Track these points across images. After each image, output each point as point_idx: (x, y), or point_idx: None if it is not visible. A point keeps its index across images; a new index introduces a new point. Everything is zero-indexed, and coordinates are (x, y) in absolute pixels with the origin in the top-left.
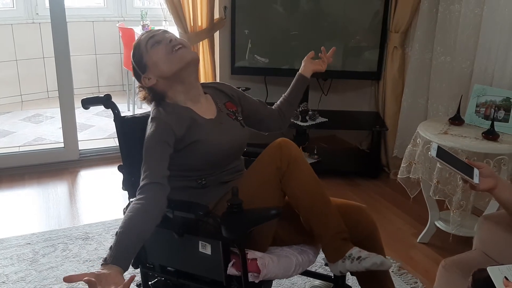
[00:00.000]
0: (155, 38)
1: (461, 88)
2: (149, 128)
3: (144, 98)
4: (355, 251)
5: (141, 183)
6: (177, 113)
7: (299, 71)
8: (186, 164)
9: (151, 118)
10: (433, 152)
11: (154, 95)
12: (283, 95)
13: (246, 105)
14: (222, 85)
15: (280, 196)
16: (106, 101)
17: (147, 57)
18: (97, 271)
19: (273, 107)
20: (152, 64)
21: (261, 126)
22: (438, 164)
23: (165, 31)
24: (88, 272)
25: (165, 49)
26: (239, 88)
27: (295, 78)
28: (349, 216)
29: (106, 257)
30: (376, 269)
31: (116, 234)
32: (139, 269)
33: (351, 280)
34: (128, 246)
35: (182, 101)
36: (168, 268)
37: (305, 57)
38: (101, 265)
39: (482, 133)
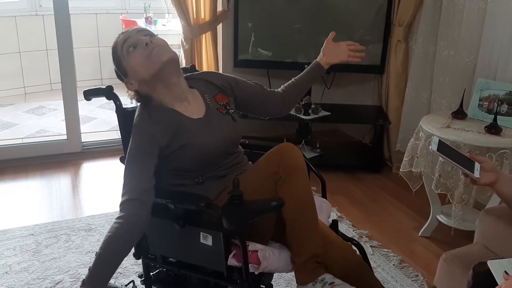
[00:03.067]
0: (129, 42)
1: (464, 82)
2: (132, 137)
3: (133, 98)
4: (328, 276)
5: (122, 199)
6: (162, 118)
7: (317, 58)
8: (178, 167)
9: (134, 125)
10: (433, 146)
11: (140, 97)
12: (293, 78)
13: (241, 91)
14: (211, 76)
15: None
16: (108, 93)
17: (125, 63)
18: None
19: (278, 89)
20: (131, 69)
21: (260, 110)
22: (440, 158)
23: (139, 30)
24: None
25: (142, 53)
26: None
27: (310, 65)
28: (327, 252)
29: (84, 279)
30: None
31: (95, 254)
32: (141, 260)
33: None
34: (106, 269)
35: (168, 101)
36: (169, 259)
37: (326, 40)
38: (80, 286)
39: (485, 127)
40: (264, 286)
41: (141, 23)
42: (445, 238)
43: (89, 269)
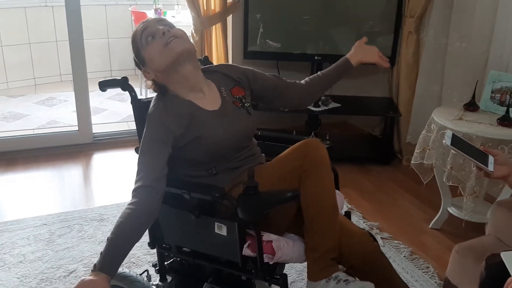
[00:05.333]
0: (148, 31)
1: (476, 74)
2: (146, 126)
3: (151, 87)
4: (342, 274)
5: (135, 185)
6: (176, 109)
7: (347, 54)
8: (191, 158)
9: (148, 114)
10: (447, 141)
11: (157, 87)
12: (319, 72)
13: (258, 84)
14: (229, 68)
15: None
16: (123, 84)
17: (143, 52)
18: (86, 279)
19: (301, 81)
20: (148, 59)
21: (279, 101)
22: (452, 151)
23: (159, 20)
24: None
25: (160, 43)
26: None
27: (339, 60)
28: (344, 242)
29: (95, 264)
30: None
31: (107, 239)
32: (154, 250)
33: None
34: (117, 254)
35: (183, 93)
36: (184, 248)
37: (357, 42)
38: (91, 270)
39: (497, 119)
40: (278, 276)
41: (150, 14)
42: (455, 230)
43: (100, 254)
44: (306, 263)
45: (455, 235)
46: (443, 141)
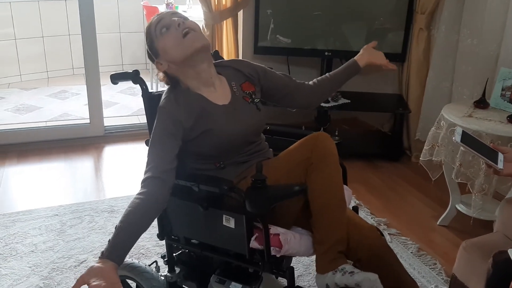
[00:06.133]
0: (162, 23)
1: (487, 71)
2: (157, 118)
3: (163, 80)
4: (348, 266)
5: (144, 176)
6: (187, 102)
7: (355, 56)
8: (199, 152)
9: (159, 106)
10: (457, 137)
11: (169, 79)
12: (327, 73)
13: (269, 81)
14: (240, 63)
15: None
16: (135, 77)
17: (157, 43)
18: (95, 266)
19: (309, 82)
20: (162, 50)
21: (286, 101)
22: (461, 148)
23: (174, 13)
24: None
25: (175, 35)
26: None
27: (347, 62)
28: (352, 235)
29: (103, 251)
30: (369, 286)
31: (115, 227)
32: (163, 241)
33: None
34: (125, 242)
35: (194, 86)
36: (192, 240)
37: (366, 45)
38: (99, 257)
39: (507, 117)
40: (285, 269)
41: (162, 9)
42: (463, 227)
43: (108, 242)
44: (313, 257)
45: (463, 232)
46: (453, 137)
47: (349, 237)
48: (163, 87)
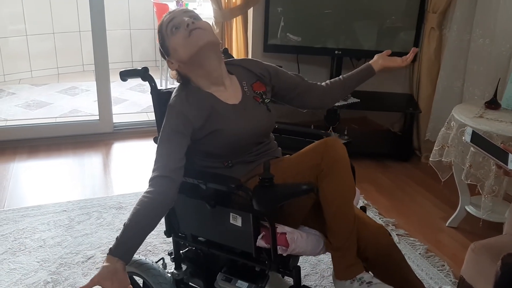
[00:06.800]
0: (174, 22)
1: (498, 71)
2: (166, 116)
3: (175, 77)
4: (367, 276)
5: (152, 175)
6: (197, 101)
7: (370, 61)
8: (208, 152)
9: (169, 105)
10: (467, 137)
11: (180, 77)
12: (341, 76)
13: (280, 81)
14: (251, 63)
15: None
16: (144, 74)
17: (168, 42)
18: (107, 267)
19: (322, 83)
20: (173, 49)
21: (298, 102)
22: (471, 149)
23: (185, 11)
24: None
25: (183, 34)
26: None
27: (362, 66)
28: (360, 233)
29: (111, 248)
30: None
31: (123, 225)
32: (170, 239)
33: None
34: (133, 241)
35: (205, 85)
36: (199, 238)
37: (379, 54)
38: (107, 254)
39: None
40: (291, 269)
41: (172, 6)
42: (473, 229)
43: (116, 239)
44: (320, 256)
45: (472, 234)
46: (463, 138)
47: (357, 236)
48: (172, 84)
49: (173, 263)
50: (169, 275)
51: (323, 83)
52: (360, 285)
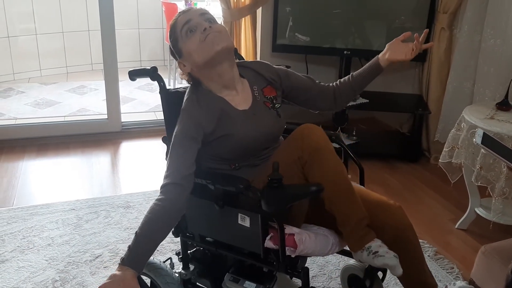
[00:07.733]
0: (189, 25)
1: (510, 72)
2: (179, 120)
3: (184, 78)
4: (375, 244)
5: (164, 181)
6: (208, 104)
7: (379, 54)
8: (217, 155)
9: (182, 109)
10: (478, 139)
11: (191, 79)
12: (351, 73)
13: (291, 84)
14: (261, 66)
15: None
16: (153, 73)
17: (182, 44)
18: (117, 276)
19: (331, 84)
20: (186, 52)
21: (309, 104)
22: (482, 150)
23: (202, 14)
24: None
25: (199, 38)
26: (279, 65)
27: (369, 62)
28: (378, 214)
29: (123, 257)
30: (390, 271)
31: (135, 233)
32: (178, 239)
33: None
34: (144, 250)
35: (217, 89)
36: (207, 238)
37: (394, 39)
38: (119, 264)
39: None
40: (299, 270)
41: (181, 5)
42: (482, 231)
43: (128, 248)
44: (328, 257)
45: (482, 237)
46: (474, 139)
47: (374, 217)
48: (180, 84)
49: (181, 263)
50: (177, 275)
51: (333, 84)
52: (367, 255)
